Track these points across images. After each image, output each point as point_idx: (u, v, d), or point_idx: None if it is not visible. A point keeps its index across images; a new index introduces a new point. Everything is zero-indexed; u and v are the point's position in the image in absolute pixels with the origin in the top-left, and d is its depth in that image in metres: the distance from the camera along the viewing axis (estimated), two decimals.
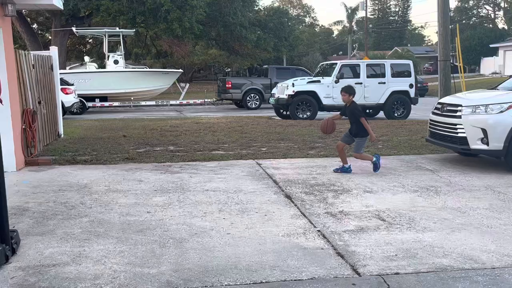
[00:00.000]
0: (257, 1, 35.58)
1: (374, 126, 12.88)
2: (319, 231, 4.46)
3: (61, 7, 8.36)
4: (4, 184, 3.80)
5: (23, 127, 7.71)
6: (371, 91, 15.51)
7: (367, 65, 15.93)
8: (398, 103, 15.81)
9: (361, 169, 7.30)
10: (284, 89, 15.52)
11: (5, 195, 3.79)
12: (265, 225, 4.65)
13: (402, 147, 9.39)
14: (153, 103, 23.49)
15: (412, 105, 15.99)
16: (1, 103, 3.64)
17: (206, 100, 24.79)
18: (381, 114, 16.36)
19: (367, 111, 16.75)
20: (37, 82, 8.75)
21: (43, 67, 9.35)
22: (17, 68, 7.68)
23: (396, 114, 15.71)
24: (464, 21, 66.30)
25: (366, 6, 43.75)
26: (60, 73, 11.21)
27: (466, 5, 72.27)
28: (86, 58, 23.95)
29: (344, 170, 7.11)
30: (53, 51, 10.44)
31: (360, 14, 56.32)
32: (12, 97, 7.25)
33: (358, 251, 3.92)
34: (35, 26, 33.84)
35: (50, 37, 31.38)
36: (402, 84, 15.84)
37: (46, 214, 5.02)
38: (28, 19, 30.67)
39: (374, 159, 7.10)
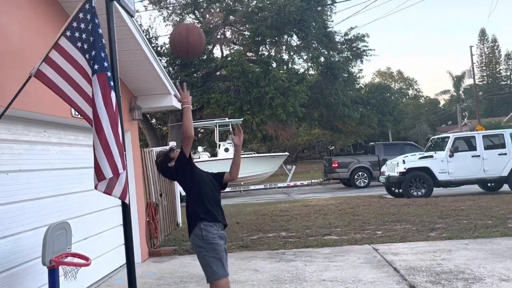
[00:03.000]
0: (358, 80, 35.96)
1: (499, 201, 11.87)
2: None
3: (180, 107, 9.16)
4: (135, 279, 4.04)
5: (147, 219, 8.26)
6: (491, 164, 14.42)
7: (483, 136, 14.96)
8: None
9: (491, 252, 6.63)
10: (395, 166, 15.04)
11: None
12: None
13: None
14: (261, 186, 24.02)
15: None
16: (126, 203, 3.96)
17: (312, 180, 24.81)
18: (505, 187, 15.02)
19: (489, 184, 15.56)
20: (158, 176, 9.46)
21: None
22: (142, 165, 8.41)
23: None
24: None
25: (474, 74, 41.99)
26: None
27: None
28: (199, 148, 25.55)
29: None
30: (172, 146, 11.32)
31: (468, 81, 54.19)
32: (138, 192, 7.89)
33: None
34: (153, 121, 37.24)
35: (166, 130, 34.21)
36: None
37: None
38: (148, 115, 33.94)
39: None
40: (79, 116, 5.53)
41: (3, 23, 4.26)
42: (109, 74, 3.71)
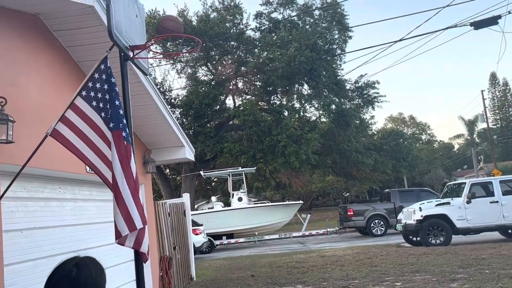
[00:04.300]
0: (370, 126, 36.07)
1: None
2: None
3: (193, 159, 9.24)
4: None
5: (161, 274, 8.13)
6: (510, 210, 14.10)
7: (501, 182, 14.70)
8: None
9: None
10: (411, 214, 14.78)
11: None
12: None
13: None
14: (276, 236, 23.64)
15: None
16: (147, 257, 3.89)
17: (328, 229, 24.39)
18: None
19: (509, 231, 15.16)
20: (172, 229, 9.40)
21: (177, 214, 10.09)
22: (155, 218, 8.38)
23: None
24: None
25: (487, 118, 41.85)
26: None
27: None
28: (213, 198, 25.48)
29: None
30: (185, 198, 11.32)
31: (481, 125, 53.93)
32: (151, 246, 7.81)
33: None
34: (167, 171, 37.49)
35: (180, 181, 34.34)
36: None
37: None
38: (162, 166, 34.18)
39: None
40: (93, 172, 5.60)
41: (23, 84, 4.41)
42: (127, 130, 3.78)
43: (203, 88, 29.19)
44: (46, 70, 4.94)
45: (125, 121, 3.78)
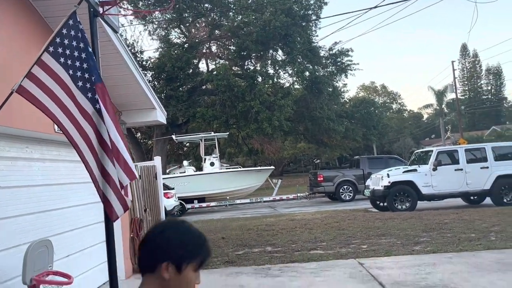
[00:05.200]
0: (343, 94, 36.35)
1: (482, 214, 12.01)
2: None
3: (165, 122, 9.15)
4: None
5: (131, 235, 8.16)
6: (474, 177, 14.61)
7: (466, 150, 15.17)
8: (507, 188, 14.60)
9: (475, 266, 6.69)
10: (379, 180, 15.15)
11: None
12: None
13: None
14: (247, 200, 23.93)
15: None
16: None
17: (298, 194, 24.81)
18: (488, 200, 15.23)
19: (472, 197, 15.76)
20: (143, 192, 9.38)
21: (148, 176, 10.05)
22: None
23: (505, 200, 14.49)
24: None
25: (456, 88, 42.67)
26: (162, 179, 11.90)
27: None
28: (185, 163, 25.43)
29: None
30: (157, 161, 11.24)
31: (450, 96, 55.06)
32: None
33: None
34: (138, 135, 37.10)
35: (151, 145, 34.08)
36: (509, 167, 14.72)
37: None
38: (133, 129, 33.75)
39: None
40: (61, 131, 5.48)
41: None
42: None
43: (175, 51, 28.65)
44: (10, 27, 4.75)
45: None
